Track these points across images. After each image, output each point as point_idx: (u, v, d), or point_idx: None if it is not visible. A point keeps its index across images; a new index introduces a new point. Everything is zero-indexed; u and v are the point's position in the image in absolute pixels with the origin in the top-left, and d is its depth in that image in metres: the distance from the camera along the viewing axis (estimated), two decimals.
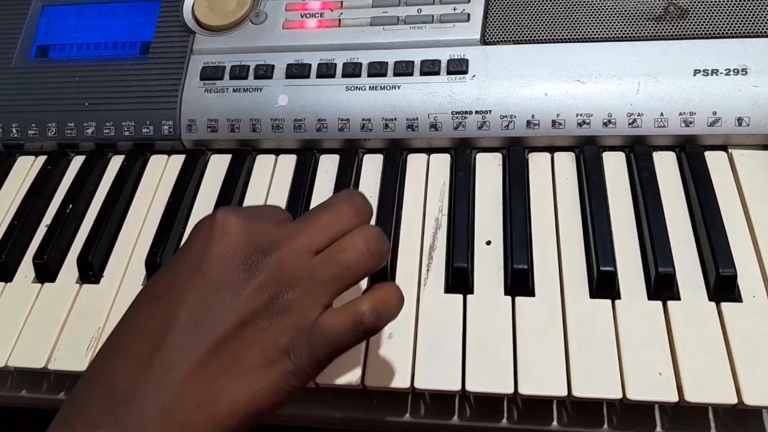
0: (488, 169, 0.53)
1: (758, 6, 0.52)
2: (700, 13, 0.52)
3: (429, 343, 0.43)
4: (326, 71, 0.55)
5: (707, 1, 0.52)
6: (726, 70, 0.50)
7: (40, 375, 0.50)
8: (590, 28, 0.53)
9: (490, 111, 0.52)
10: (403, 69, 0.54)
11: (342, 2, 0.58)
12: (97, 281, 0.51)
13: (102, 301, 0.49)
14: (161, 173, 0.57)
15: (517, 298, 0.45)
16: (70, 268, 0.52)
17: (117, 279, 0.51)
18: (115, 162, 0.59)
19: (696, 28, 0.52)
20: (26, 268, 0.53)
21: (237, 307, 0.33)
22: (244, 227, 0.35)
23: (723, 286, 0.43)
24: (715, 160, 0.50)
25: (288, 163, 0.56)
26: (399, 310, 0.36)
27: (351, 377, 0.43)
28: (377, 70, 0.54)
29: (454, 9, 0.56)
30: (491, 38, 0.54)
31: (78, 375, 0.47)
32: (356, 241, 0.36)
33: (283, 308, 0.34)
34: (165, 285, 0.35)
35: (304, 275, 0.34)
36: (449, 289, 0.46)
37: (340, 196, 0.38)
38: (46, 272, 0.51)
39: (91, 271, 0.51)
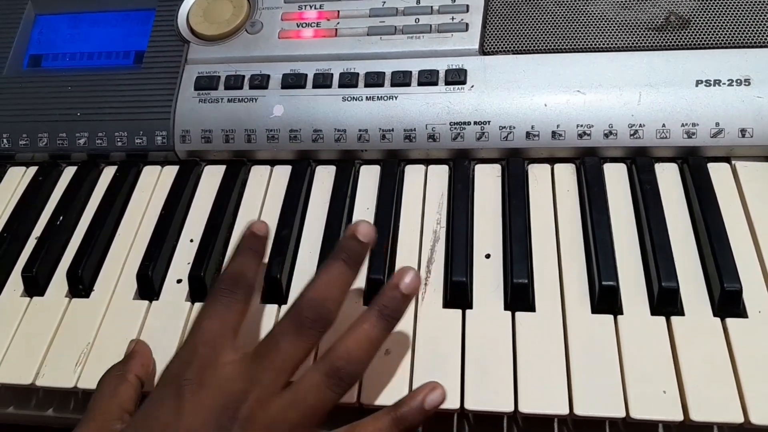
0: (487, 181, 0.52)
1: (761, 16, 0.51)
2: (702, 23, 0.51)
3: (427, 359, 0.42)
4: (322, 81, 0.54)
5: (709, 11, 0.52)
6: (728, 80, 0.49)
7: (27, 391, 0.48)
8: (590, 38, 0.53)
9: (489, 122, 0.51)
10: (401, 79, 0.53)
11: (339, 12, 0.57)
12: (87, 295, 0.50)
13: (92, 316, 0.48)
14: (154, 185, 0.56)
15: (518, 313, 0.44)
16: (59, 281, 0.51)
17: (107, 293, 0.50)
18: (108, 173, 0.58)
19: (698, 38, 0.51)
20: (15, 281, 0.51)
21: None
22: (206, 395, 0.36)
23: (728, 302, 0.42)
24: (718, 172, 0.49)
25: (283, 174, 0.55)
26: None
27: (346, 395, 0.42)
28: (374, 80, 0.54)
29: (453, 18, 0.55)
30: (490, 48, 0.54)
31: (67, 392, 0.46)
32: (315, 382, 0.36)
33: None
34: None
35: (277, 421, 0.35)
36: (448, 303, 0.45)
37: (288, 324, 0.38)
38: (35, 286, 0.50)
39: (81, 284, 0.50)
